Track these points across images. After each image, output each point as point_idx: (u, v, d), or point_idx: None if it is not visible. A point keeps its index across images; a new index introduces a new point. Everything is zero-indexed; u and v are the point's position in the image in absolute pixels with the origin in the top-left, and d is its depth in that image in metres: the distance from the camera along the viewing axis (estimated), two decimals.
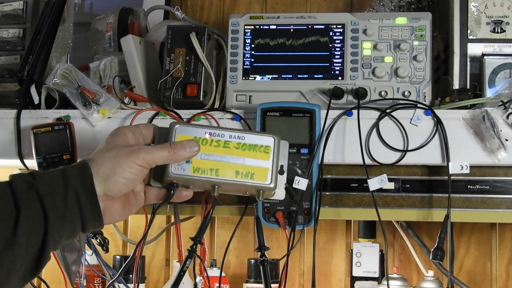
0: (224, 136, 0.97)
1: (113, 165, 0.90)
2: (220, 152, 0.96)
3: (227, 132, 0.97)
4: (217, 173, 0.96)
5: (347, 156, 1.23)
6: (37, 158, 1.28)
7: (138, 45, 1.37)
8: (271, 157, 0.97)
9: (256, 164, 0.96)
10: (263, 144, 0.97)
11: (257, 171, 0.96)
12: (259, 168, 0.96)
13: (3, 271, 0.82)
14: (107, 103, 1.30)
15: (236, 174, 0.96)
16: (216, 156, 0.96)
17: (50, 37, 1.39)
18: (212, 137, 0.96)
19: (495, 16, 1.28)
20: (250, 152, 0.96)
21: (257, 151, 0.97)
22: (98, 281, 1.56)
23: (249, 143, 0.97)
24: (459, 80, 1.27)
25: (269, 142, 0.97)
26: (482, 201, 1.24)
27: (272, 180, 0.96)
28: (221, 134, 0.97)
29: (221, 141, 0.96)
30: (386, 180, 1.19)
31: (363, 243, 1.50)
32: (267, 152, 0.97)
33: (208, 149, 0.96)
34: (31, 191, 0.85)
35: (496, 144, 1.17)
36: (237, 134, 0.97)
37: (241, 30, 1.34)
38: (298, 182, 1.18)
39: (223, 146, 0.96)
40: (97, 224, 0.90)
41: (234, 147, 0.96)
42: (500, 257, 1.59)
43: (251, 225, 1.71)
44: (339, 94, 1.27)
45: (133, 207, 0.98)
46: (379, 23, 1.30)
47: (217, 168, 0.96)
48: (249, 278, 1.53)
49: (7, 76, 1.47)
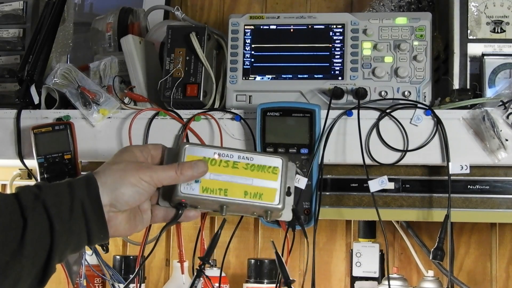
0: (233, 157, 0.98)
1: (120, 177, 0.90)
2: (229, 172, 0.97)
3: (236, 153, 0.98)
4: (226, 193, 0.96)
5: (347, 156, 1.22)
6: (37, 158, 1.28)
7: (138, 45, 1.37)
8: (279, 178, 0.98)
9: (265, 184, 0.97)
10: (272, 165, 0.98)
11: (265, 192, 0.97)
12: (268, 188, 0.97)
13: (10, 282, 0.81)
14: (107, 103, 1.30)
15: (245, 194, 0.97)
16: (225, 176, 0.97)
17: (50, 37, 1.39)
18: (221, 157, 0.97)
19: (495, 16, 1.28)
20: (258, 172, 0.97)
21: (265, 171, 0.98)
22: (98, 281, 1.56)
23: (257, 164, 0.98)
24: (459, 80, 1.27)
25: (278, 164, 0.98)
26: (482, 201, 1.24)
27: (280, 201, 0.97)
28: (230, 154, 0.98)
29: (230, 161, 0.97)
30: (386, 181, 1.19)
31: (363, 243, 1.50)
32: (275, 173, 0.98)
33: (217, 169, 0.97)
34: (37, 201, 0.85)
35: (496, 144, 1.17)
36: (246, 155, 0.98)
37: (241, 30, 1.34)
38: (298, 181, 1.18)
39: (232, 166, 0.97)
40: (102, 237, 0.90)
41: (243, 168, 0.97)
42: (500, 257, 1.59)
43: (251, 225, 1.71)
44: (339, 94, 1.27)
45: (139, 224, 0.97)
46: (379, 23, 1.30)
47: (226, 188, 0.96)
48: (249, 278, 1.53)
49: (7, 76, 1.47)
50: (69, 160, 1.27)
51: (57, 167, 1.27)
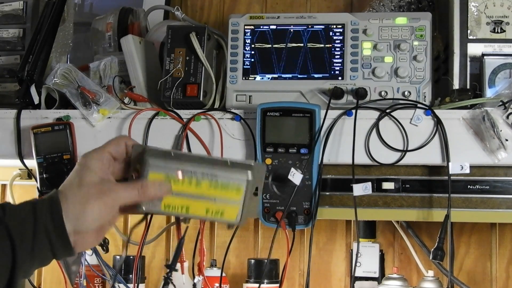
0: (197, 175, 0.96)
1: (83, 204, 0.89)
2: (192, 190, 0.96)
3: (200, 169, 0.96)
4: (188, 211, 0.96)
5: (347, 156, 1.22)
6: (37, 158, 1.28)
7: (138, 45, 1.37)
8: (242, 197, 0.97)
9: (227, 202, 0.97)
10: (235, 183, 0.97)
11: (226, 210, 0.97)
12: (229, 207, 0.97)
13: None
14: (107, 103, 1.30)
15: (206, 212, 0.96)
16: (188, 195, 0.96)
17: (50, 37, 1.39)
18: (185, 175, 0.96)
19: (495, 16, 1.28)
20: (221, 191, 0.96)
21: (229, 190, 0.97)
22: (98, 281, 1.56)
23: (221, 182, 0.96)
24: (459, 80, 1.27)
25: (242, 181, 0.97)
26: (482, 201, 1.24)
27: (241, 218, 0.97)
28: (193, 171, 0.96)
29: (193, 179, 0.96)
30: (370, 188, 1.20)
31: (363, 243, 1.49)
32: (239, 194, 0.97)
33: (180, 187, 0.96)
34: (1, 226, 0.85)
35: (496, 144, 1.17)
36: (211, 172, 0.96)
37: (241, 30, 1.34)
38: (293, 175, 1.18)
39: (195, 185, 0.96)
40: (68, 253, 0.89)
41: (206, 186, 0.96)
42: (500, 257, 1.59)
43: (251, 225, 1.71)
44: (339, 94, 1.27)
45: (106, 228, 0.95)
46: (379, 23, 1.30)
47: (188, 206, 0.96)
48: (249, 278, 1.53)
49: (7, 76, 1.47)
50: (68, 160, 1.27)
51: (56, 167, 1.27)
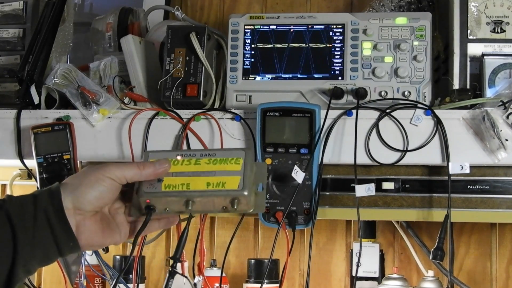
0: (195, 155, 0.98)
1: (82, 178, 0.90)
2: (192, 169, 0.97)
3: (199, 152, 0.98)
4: (188, 187, 0.96)
5: (347, 156, 1.22)
6: (37, 158, 1.28)
7: (138, 45, 1.37)
8: (242, 166, 0.96)
9: (227, 174, 0.96)
10: (234, 156, 0.97)
11: (228, 180, 0.96)
12: (230, 177, 0.96)
13: None
14: (107, 103, 1.30)
15: (207, 185, 0.96)
16: (187, 173, 0.97)
17: (50, 37, 1.39)
18: (184, 157, 0.97)
19: (495, 16, 1.28)
20: (221, 165, 0.97)
21: (228, 163, 0.97)
22: (98, 281, 1.56)
23: (220, 157, 0.97)
24: (459, 80, 1.27)
25: (240, 155, 0.97)
26: (482, 201, 1.24)
27: (245, 186, 0.95)
28: (192, 154, 0.98)
29: (192, 159, 0.97)
30: (373, 189, 1.20)
31: (363, 243, 1.49)
32: (238, 163, 0.97)
33: (180, 168, 0.97)
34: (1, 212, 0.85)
35: (496, 144, 1.17)
36: (209, 152, 0.98)
37: (241, 30, 1.34)
38: (297, 173, 1.18)
39: (194, 163, 0.97)
40: (72, 245, 0.89)
41: (205, 163, 0.97)
42: (500, 257, 1.59)
43: (251, 225, 1.71)
44: (339, 94, 1.27)
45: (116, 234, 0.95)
46: (379, 23, 1.30)
47: (188, 183, 0.96)
48: (249, 278, 1.53)
49: (7, 76, 1.47)
50: (68, 160, 1.27)
51: (56, 167, 1.27)
